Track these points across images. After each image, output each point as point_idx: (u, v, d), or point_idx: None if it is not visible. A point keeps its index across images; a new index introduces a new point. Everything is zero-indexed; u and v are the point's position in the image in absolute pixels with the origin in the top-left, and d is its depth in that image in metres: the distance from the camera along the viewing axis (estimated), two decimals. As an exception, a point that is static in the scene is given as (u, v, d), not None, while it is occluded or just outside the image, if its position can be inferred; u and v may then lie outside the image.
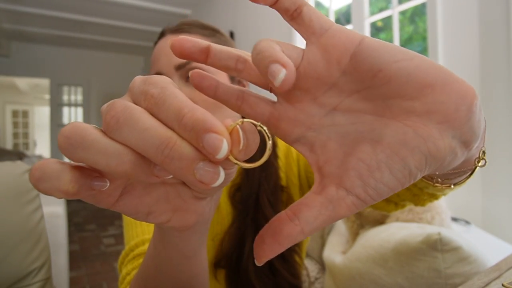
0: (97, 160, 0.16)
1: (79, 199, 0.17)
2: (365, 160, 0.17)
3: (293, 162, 0.60)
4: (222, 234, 0.56)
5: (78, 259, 2.56)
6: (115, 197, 0.20)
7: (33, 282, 0.80)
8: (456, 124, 0.16)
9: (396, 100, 0.17)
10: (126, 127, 0.16)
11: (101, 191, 0.17)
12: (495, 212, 1.09)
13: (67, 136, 0.16)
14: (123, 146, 0.16)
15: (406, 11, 1.77)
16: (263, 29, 2.41)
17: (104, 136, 0.16)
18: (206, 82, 0.21)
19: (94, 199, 0.19)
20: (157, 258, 0.30)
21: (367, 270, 0.61)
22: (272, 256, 0.18)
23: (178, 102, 0.16)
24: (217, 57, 0.21)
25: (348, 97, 0.19)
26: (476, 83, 1.15)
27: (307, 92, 0.19)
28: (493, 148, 1.10)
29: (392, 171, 0.17)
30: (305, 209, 0.18)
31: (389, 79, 0.17)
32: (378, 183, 0.17)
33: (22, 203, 0.79)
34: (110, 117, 0.16)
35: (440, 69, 0.17)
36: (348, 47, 0.17)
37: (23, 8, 3.56)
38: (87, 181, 0.16)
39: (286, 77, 0.16)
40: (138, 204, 0.21)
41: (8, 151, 2.36)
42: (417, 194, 0.40)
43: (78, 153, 0.16)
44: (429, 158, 0.17)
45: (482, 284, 0.40)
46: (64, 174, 0.16)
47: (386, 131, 0.17)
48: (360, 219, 0.99)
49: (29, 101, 8.18)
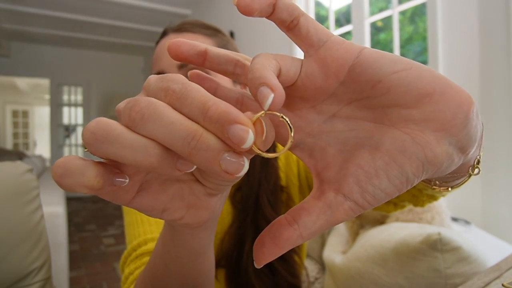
0: (124, 155, 0.16)
1: (97, 195, 0.17)
2: (364, 166, 0.18)
3: (293, 163, 0.61)
4: (222, 234, 0.57)
5: (78, 259, 2.56)
6: (132, 194, 0.20)
7: (33, 282, 0.80)
8: (453, 131, 0.17)
9: (394, 108, 0.17)
10: (152, 122, 0.16)
11: (120, 187, 0.18)
12: (495, 212, 1.10)
13: (93, 132, 0.16)
14: (149, 140, 0.16)
15: (406, 11, 1.77)
16: (263, 29, 2.41)
17: (129, 131, 0.16)
18: (205, 83, 0.22)
19: (113, 196, 0.19)
20: (166, 256, 0.30)
21: (367, 270, 0.61)
22: (272, 259, 0.19)
23: (201, 96, 0.16)
24: (215, 61, 0.21)
25: (347, 105, 0.19)
26: (475, 83, 1.15)
27: (306, 100, 0.20)
28: (493, 148, 1.10)
29: (390, 178, 0.17)
30: (304, 214, 0.18)
31: (388, 89, 0.17)
32: (376, 189, 0.17)
33: (22, 203, 0.79)
34: (135, 113, 0.16)
35: (438, 78, 0.17)
36: (346, 60, 0.18)
37: (23, 8, 3.56)
38: (110, 177, 0.17)
39: (274, 101, 0.16)
40: (153, 201, 0.21)
41: (8, 151, 2.37)
42: (416, 195, 0.40)
43: (103, 148, 0.16)
44: (426, 165, 0.17)
45: (482, 284, 0.40)
46: (89, 169, 0.16)
47: (385, 138, 0.18)
48: (360, 219, 0.99)
49: (29, 101, 8.18)
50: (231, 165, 0.16)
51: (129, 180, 0.18)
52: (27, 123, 8.28)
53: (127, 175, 0.18)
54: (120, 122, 0.17)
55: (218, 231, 0.57)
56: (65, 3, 3.51)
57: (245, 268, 0.53)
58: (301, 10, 0.19)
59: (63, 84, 5.40)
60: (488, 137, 1.11)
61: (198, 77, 0.21)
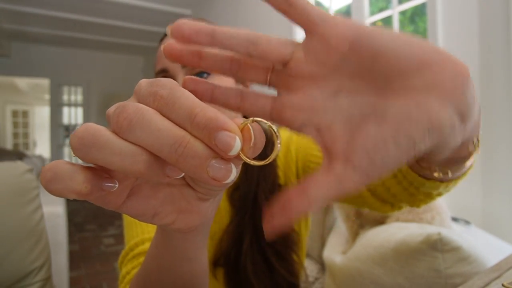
0: (111, 160, 0.16)
1: (86, 200, 0.17)
2: (371, 137, 0.18)
3: (291, 161, 0.60)
4: (220, 233, 0.57)
5: (78, 259, 2.56)
6: (122, 199, 0.20)
7: (34, 282, 0.80)
8: (454, 97, 0.18)
9: (397, 79, 0.18)
10: (139, 128, 0.16)
11: (110, 192, 0.18)
12: (495, 212, 1.09)
13: (81, 137, 0.16)
14: (137, 146, 0.16)
15: (406, 11, 1.77)
16: (263, 29, 2.41)
17: (117, 137, 0.16)
18: (201, 86, 0.22)
19: (103, 201, 0.19)
20: (159, 258, 0.30)
21: (367, 270, 0.61)
22: (280, 229, 0.19)
23: (189, 102, 0.16)
24: (210, 60, 0.21)
25: (349, 80, 0.19)
26: (475, 83, 1.15)
27: (309, 78, 0.20)
28: (493, 148, 1.10)
29: (398, 145, 0.18)
30: (313, 185, 0.18)
31: (389, 60, 0.18)
32: (384, 158, 0.18)
33: (22, 203, 0.79)
34: (123, 119, 0.16)
35: (436, 49, 0.18)
36: (347, 36, 0.18)
37: (23, 8, 3.56)
38: (99, 182, 0.17)
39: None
40: (144, 206, 0.21)
41: (8, 151, 2.36)
42: (413, 193, 0.40)
43: (91, 154, 0.16)
44: (431, 129, 0.18)
45: (482, 284, 0.40)
46: (76, 174, 0.16)
47: (389, 109, 0.18)
48: (360, 219, 0.99)
49: (29, 101, 8.18)
50: (218, 172, 0.16)
51: (119, 185, 0.18)
52: (27, 123, 8.28)
53: (117, 180, 0.18)
54: (110, 127, 0.17)
55: (216, 230, 0.57)
56: (65, 3, 3.51)
57: (243, 267, 0.53)
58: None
59: (63, 84, 5.40)
60: (488, 137, 1.11)
61: (192, 82, 0.21)
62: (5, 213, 0.79)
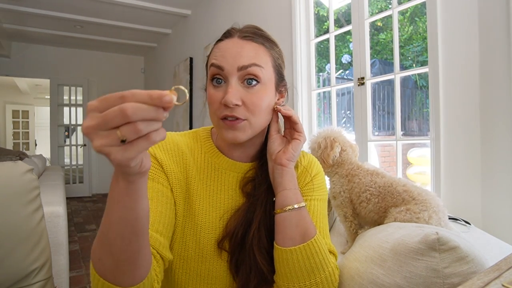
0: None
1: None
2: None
3: (302, 181, 0.72)
4: (230, 213, 0.64)
5: (78, 259, 2.56)
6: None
7: (34, 282, 0.80)
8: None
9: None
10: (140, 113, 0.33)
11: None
12: (495, 212, 1.10)
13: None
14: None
15: (406, 11, 1.77)
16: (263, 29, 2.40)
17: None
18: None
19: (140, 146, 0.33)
20: (110, 212, 0.39)
21: (366, 270, 0.61)
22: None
23: (144, 92, 0.33)
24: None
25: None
26: (475, 83, 1.15)
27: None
28: (493, 149, 1.10)
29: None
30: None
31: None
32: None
33: (23, 203, 0.80)
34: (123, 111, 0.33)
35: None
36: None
37: (23, 8, 3.56)
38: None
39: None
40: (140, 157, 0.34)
41: (8, 151, 2.36)
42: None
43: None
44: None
45: (482, 283, 0.40)
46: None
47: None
48: (359, 219, 0.99)
49: (29, 101, 8.19)
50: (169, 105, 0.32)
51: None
52: (27, 123, 8.28)
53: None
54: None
55: (227, 209, 0.64)
56: (65, 3, 3.51)
57: (249, 244, 0.61)
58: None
59: (63, 84, 5.40)
60: (488, 138, 1.11)
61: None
62: (6, 213, 0.79)
